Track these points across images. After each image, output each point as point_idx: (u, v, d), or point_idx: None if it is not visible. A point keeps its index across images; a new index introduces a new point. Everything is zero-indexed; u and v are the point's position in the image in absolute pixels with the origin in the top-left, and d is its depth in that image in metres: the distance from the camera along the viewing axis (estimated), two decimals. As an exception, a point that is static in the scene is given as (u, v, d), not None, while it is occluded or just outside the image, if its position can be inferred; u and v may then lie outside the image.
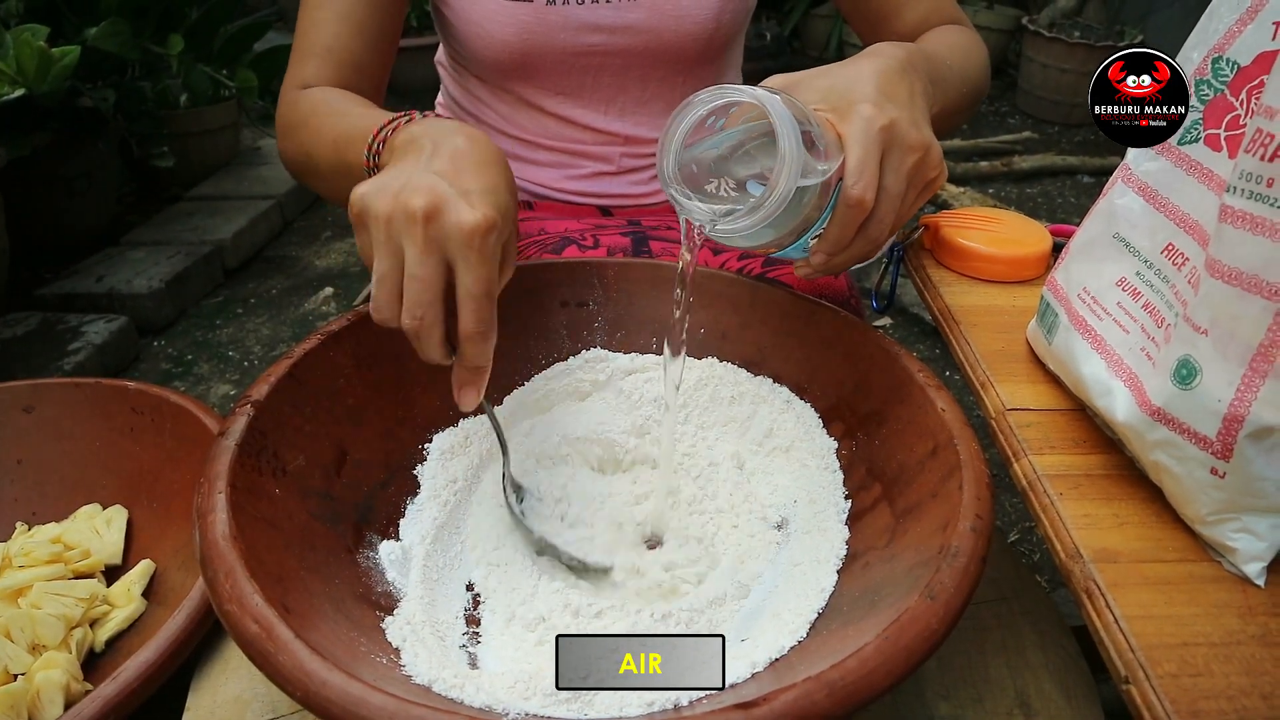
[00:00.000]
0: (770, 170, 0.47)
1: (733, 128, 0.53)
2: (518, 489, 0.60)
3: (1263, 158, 0.41)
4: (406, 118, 0.59)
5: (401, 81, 3.66)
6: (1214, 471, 0.46)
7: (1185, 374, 0.46)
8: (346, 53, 0.76)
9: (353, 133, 0.63)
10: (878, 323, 2.07)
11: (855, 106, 0.51)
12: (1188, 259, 0.50)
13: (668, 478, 0.61)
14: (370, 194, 0.49)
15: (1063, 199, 2.87)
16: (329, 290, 2.19)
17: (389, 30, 0.79)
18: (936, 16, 0.81)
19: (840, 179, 0.51)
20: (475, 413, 0.62)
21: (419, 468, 0.61)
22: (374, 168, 0.59)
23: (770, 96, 0.48)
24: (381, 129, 0.59)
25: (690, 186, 0.52)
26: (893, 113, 0.52)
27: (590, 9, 0.80)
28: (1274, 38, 0.48)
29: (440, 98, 0.98)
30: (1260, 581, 0.47)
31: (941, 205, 2.63)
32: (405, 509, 0.59)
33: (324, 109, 0.70)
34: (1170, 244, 0.52)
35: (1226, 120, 0.50)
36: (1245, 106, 0.49)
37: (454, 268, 0.48)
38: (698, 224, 0.51)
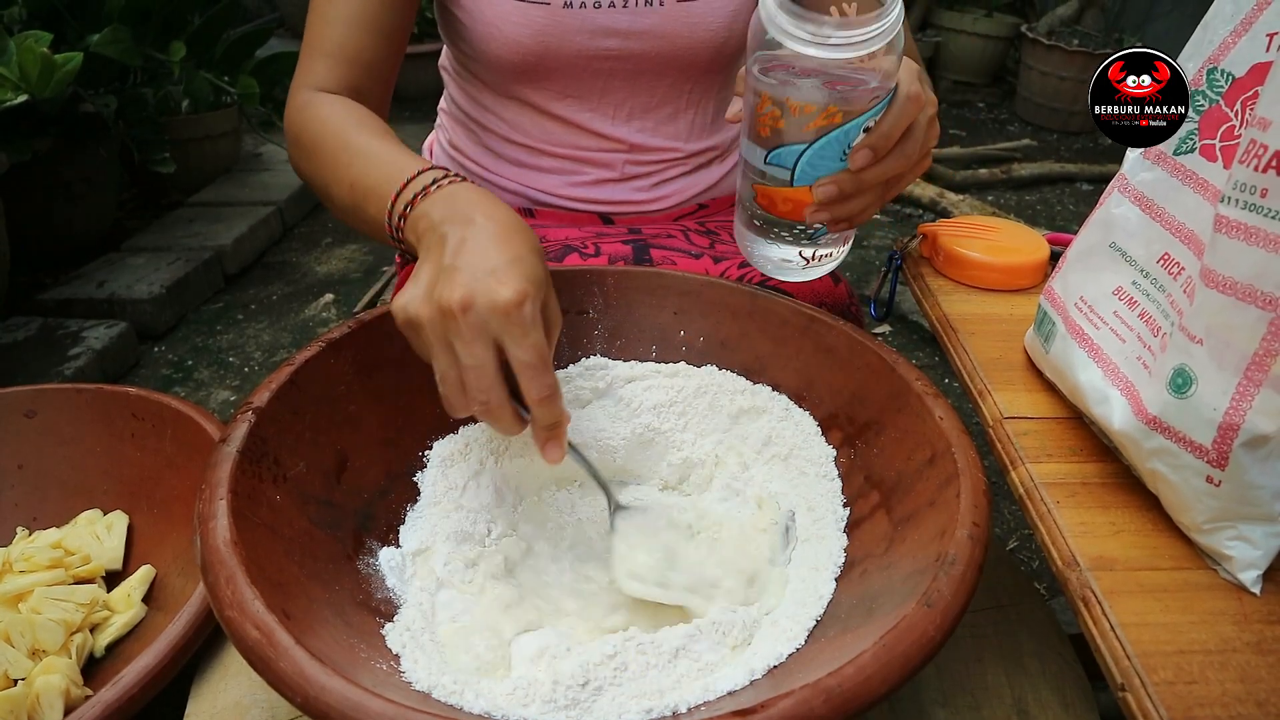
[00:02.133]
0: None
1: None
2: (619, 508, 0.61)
3: (1257, 168, 0.42)
4: (422, 190, 0.60)
5: (402, 88, 3.67)
6: (1209, 480, 0.46)
7: (1181, 383, 0.46)
8: (357, 52, 0.76)
9: (370, 185, 0.64)
10: (877, 330, 2.07)
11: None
12: (1183, 268, 0.50)
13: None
14: (410, 304, 0.52)
15: (1062, 206, 2.88)
16: (329, 296, 2.20)
17: (399, 30, 0.79)
18: None
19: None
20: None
21: (419, 474, 0.61)
22: (397, 237, 0.62)
23: None
24: (399, 194, 0.61)
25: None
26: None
27: (606, 13, 0.80)
28: (1268, 49, 0.48)
29: (443, 103, 0.99)
30: (1255, 589, 0.47)
31: (941, 213, 2.63)
32: (405, 516, 0.59)
33: (339, 139, 0.70)
34: (1166, 253, 0.52)
35: (1221, 131, 0.50)
36: (1240, 117, 0.49)
37: (503, 346, 0.50)
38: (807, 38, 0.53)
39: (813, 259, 0.65)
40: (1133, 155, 0.57)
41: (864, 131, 0.56)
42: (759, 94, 0.57)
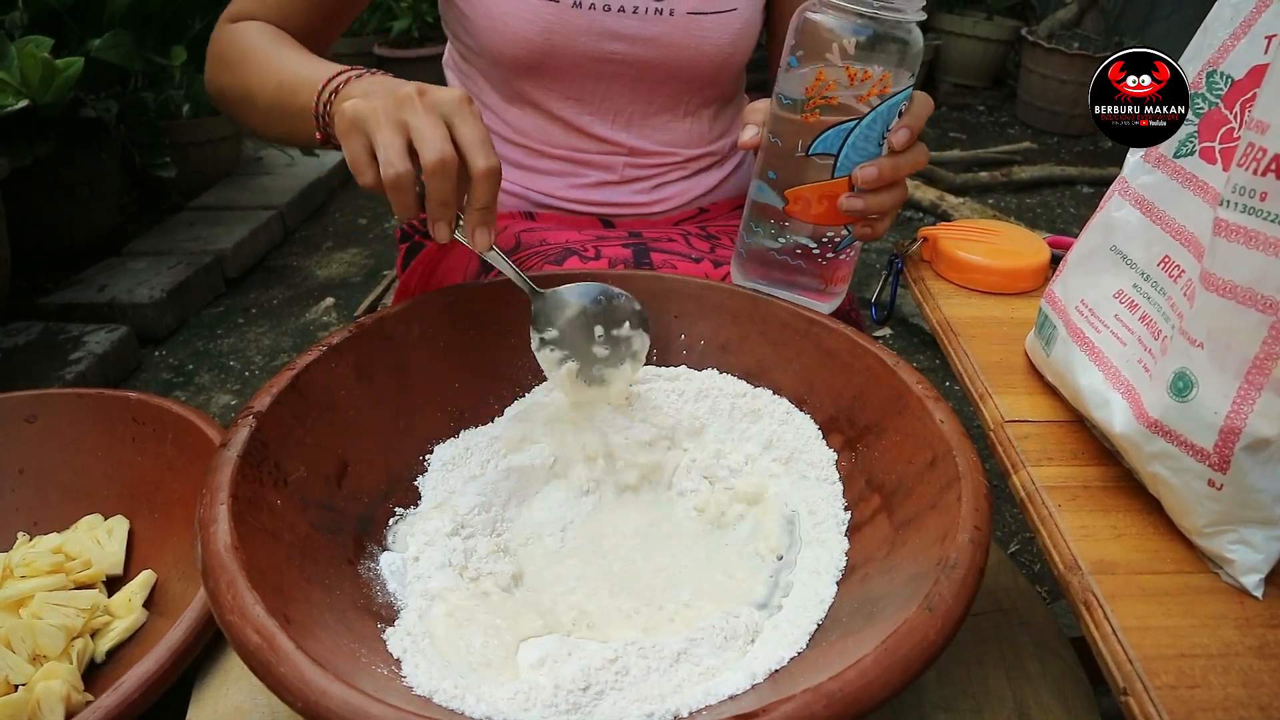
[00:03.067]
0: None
1: None
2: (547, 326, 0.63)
3: (1255, 171, 0.42)
4: (357, 74, 0.64)
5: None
6: (1211, 483, 0.46)
7: (1182, 386, 0.46)
8: (297, 15, 0.78)
9: (300, 79, 0.68)
10: (878, 333, 2.07)
11: None
12: (1184, 271, 0.50)
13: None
14: (359, 101, 0.57)
15: (1062, 209, 2.88)
16: (330, 300, 2.20)
17: (343, 9, 0.82)
18: None
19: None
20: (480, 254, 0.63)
21: (420, 479, 0.61)
22: (323, 113, 0.65)
23: None
24: (332, 79, 0.64)
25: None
26: None
27: (615, 17, 0.80)
28: (1266, 51, 0.48)
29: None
30: (1258, 593, 0.47)
31: (941, 216, 2.64)
32: (406, 520, 0.59)
33: (268, 49, 0.73)
34: (1166, 256, 0.52)
35: (1221, 133, 0.50)
36: (1239, 120, 0.49)
37: (453, 126, 0.56)
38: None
39: (824, 290, 0.68)
40: (1133, 158, 0.57)
41: (898, 115, 0.62)
42: (815, 73, 0.60)
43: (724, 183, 0.96)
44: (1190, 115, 0.52)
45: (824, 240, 0.65)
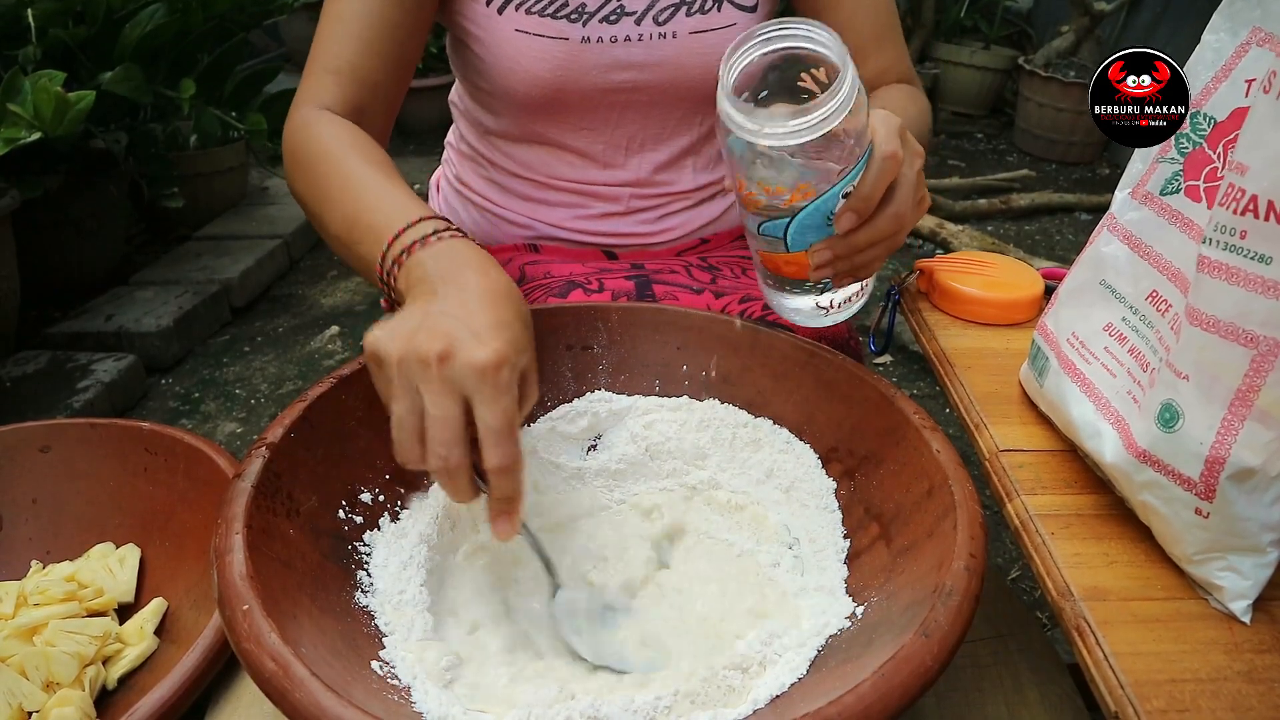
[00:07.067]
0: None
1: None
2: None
3: (1235, 211, 0.43)
4: (421, 239, 0.59)
5: (407, 122, 3.71)
6: (1198, 512, 0.47)
7: (1168, 417, 0.48)
8: (365, 72, 0.77)
9: (367, 224, 0.64)
10: (878, 361, 2.08)
11: (876, 109, 0.57)
12: (1170, 306, 0.52)
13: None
14: (383, 339, 0.51)
15: (1061, 236, 2.90)
16: (335, 329, 2.22)
17: (409, 57, 0.81)
18: (893, 72, 0.87)
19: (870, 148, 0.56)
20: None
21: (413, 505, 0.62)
22: (388, 281, 0.61)
23: (840, 47, 0.53)
24: (396, 237, 0.60)
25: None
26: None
27: (623, 46, 0.82)
28: (1247, 94, 0.50)
29: (450, 137, 1.01)
30: (1246, 619, 0.48)
31: (940, 243, 2.66)
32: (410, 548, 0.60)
33: (339, 166, 0.70)
34: (1154, 291, 0.54)
35: (1205, 172, 0.52)
36: (1222, 160, 0.51)
37: (472, 405, 0.49)
38: (754, 131, 0.54)
39: (833, 306, 0.66)
40: (1121, 195, 0.59)
41: (844, 197, 0.56)
42: (736, 181, 0.58)
43: (726, 213, 0.98)
44: (1175, 154, 0.54)
45: (808, 284, 0.65)
